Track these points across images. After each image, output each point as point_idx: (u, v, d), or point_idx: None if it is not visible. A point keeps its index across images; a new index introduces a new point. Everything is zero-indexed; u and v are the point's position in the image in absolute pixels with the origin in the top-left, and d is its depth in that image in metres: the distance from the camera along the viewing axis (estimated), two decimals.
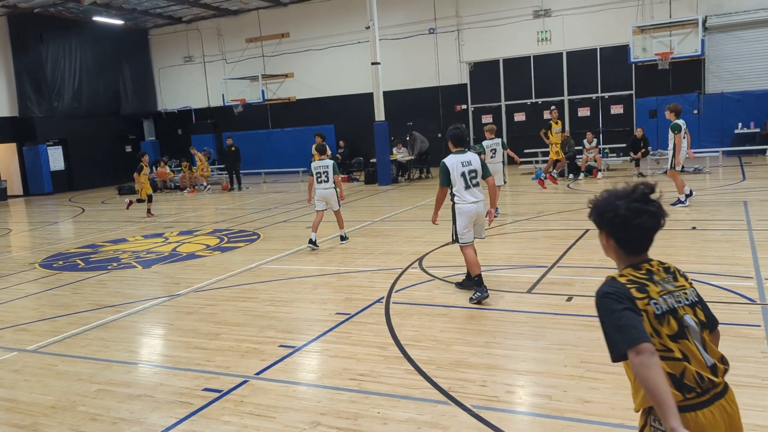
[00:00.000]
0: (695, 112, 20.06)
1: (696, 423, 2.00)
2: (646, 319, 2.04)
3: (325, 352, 5.38)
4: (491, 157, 11.76)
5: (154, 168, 23.19)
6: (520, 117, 22.82)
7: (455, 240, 6.45)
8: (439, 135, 22.94)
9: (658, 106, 20.46)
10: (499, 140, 11.93)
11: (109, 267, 9.66)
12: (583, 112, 21.77)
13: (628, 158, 17.68)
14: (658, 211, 2.13)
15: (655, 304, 2.07)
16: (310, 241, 9.60)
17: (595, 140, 17.68)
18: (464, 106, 23.58)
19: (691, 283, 2.21)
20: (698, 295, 2.20)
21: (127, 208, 15.61)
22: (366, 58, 19.83)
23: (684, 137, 11.05)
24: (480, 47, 22.82)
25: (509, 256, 8.39)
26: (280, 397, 4.50)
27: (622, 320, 2.00)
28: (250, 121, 26.97)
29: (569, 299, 6.23)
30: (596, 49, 21.30)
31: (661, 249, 7.98)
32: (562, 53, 21.82)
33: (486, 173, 6.48)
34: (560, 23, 21.52)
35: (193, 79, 28.68)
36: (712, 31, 19.55)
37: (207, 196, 19.98)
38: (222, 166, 23.68)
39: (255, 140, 26.99)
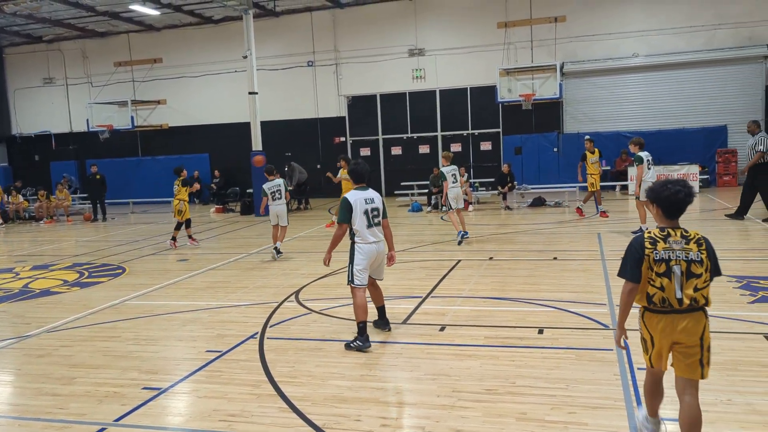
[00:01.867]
0: (555, 150, 21.68)
1: (649, 318, 3.50)
2: (647, 260, 3.41)
3: (193, 392, 5.10)
4: (453, 183, 11.77)
5: (5, 197, 21.24)
6: (396, 151, 23.47)
7: (350, 281, 6.00)
8: (318, 166, 23.00)
9: (522, 143, 21.92)
10: (455, 166, 12.05)
11: None
12: (455, 147, 22.76)
13: (496, 192, 18.67)
14: (690, 192, 3.44)
15: (656, 253, 3.41)
16: (277, 250, 10.93)
17: (466, 175, 18.52)
18: (343, 139, 23.87)
19: (702, 250, 3.40)
20: (705, 258, 3.40)
21: (175, 246, 13.00)
22: (243, 87, 19.54)
23: (650, 168, 11.64)
24: (358, 82, 23.31)
25: (385, 288, 8.36)
26: None
27: (627, 258, 3.49)
28: (117, 148, 25.60)
29: (442, 329, 6.39)
30: (467, 88, 22.48)
31: (524, 278, 8.51)
32: (435, 91, 22.79)
33: (385, 214, 6.16)
34: (433, 62, 22.53)
35: (53, 102, 26.79)
36: (568, 77, 21.34)
37: (66, 227, 18.54)
38: (85, 195, 22.16)
39: (123, 168, 25.62)
